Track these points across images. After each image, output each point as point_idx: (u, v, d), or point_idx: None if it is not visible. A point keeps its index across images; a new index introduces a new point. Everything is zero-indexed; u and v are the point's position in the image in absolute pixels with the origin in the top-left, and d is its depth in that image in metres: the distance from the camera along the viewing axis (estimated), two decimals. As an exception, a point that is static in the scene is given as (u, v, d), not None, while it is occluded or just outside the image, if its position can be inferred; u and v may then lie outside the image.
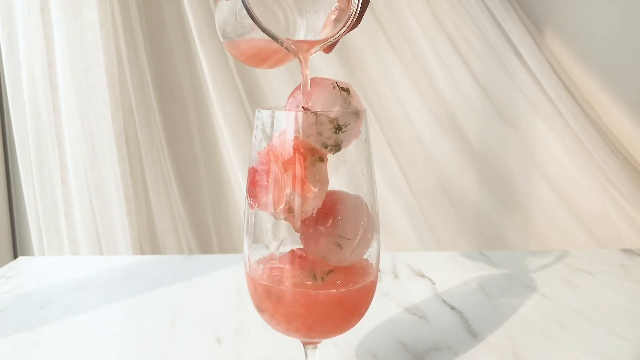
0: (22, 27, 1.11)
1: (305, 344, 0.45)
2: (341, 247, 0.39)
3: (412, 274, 0.77)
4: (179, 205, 1.20)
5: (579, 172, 1.16)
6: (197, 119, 1.21)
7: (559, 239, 1.21)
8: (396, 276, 0.76)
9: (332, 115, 0.38)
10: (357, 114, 0.39)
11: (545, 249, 1.20)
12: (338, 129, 0.38)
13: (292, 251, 0.41)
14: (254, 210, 0.41)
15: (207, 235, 1.25)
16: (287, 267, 0.40)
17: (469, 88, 1.18)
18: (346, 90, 0.39)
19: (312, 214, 0.38)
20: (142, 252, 1.17)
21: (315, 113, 0.37)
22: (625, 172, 1.14)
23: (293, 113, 0.38)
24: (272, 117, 0.39)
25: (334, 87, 0.39)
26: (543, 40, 1.15)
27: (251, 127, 1.16)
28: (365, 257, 0.41)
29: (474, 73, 1.17)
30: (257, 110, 0.41)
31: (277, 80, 1.16)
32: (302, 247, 0.40)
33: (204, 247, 1.25)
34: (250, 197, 0.40)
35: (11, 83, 1.15)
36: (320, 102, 0.38)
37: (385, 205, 1.20)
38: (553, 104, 1.14)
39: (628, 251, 0.85)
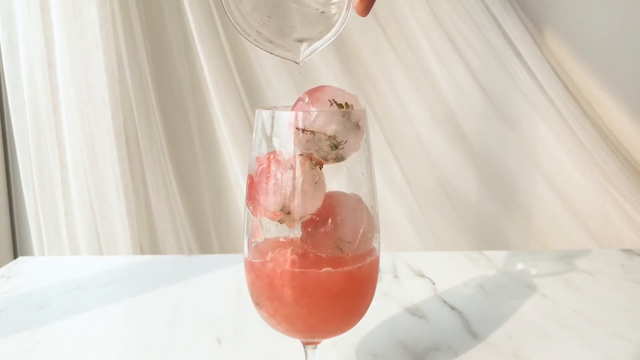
0: (22, 27, 1.11)
1: (305, 344, 0.45)
2: (342, 250, 0.39)
3: (412, 274, 0.76)
4: (179, 205, 1.21)
5: (579, 172, 1.16)
6: (197, 119, 1.21)
7: (559, 239, 1.21)
8: (396, 276, 0.76)
9: (329, 132, 0.37)
10: (356, 129, 0.39)
11: (545, 249, 1.20)
12: (334, 147, 0.38)
13: (291, 238, 0.41)
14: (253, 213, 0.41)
15: (207, 235, 1.25)
16: (286, 249, 0.39)
17: (469, 88, 1.18)
18: (344, 105, 0.39)
19: (312, 217, 0.38)
20: (142, 252, 1.17)
21: (312, 131, 0.37)
22: (625, 172, 1.14)
23: (293, 127, 0.38)
24: (272, 117, 0.39)
25: (332, 104, 0.38)
26: (543, 40, 1.15)
27: (251, 127, 1.16)
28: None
29: (474, 73, 1.17)
30: (257, 111, 0.41)
31: (277, 80, 1.16)
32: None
33: (204, 247, 1.25)
34: (249, 200, 0.40)
35: (11, 83, 1.15)
36: (317, 119, 0.38)
37: (385, 205, 1.20)
38: (553, 104, 1.14)
39: (628, 251, 0.85)
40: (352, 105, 0.39)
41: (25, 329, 0.61)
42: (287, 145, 0.38)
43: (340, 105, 0.38)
